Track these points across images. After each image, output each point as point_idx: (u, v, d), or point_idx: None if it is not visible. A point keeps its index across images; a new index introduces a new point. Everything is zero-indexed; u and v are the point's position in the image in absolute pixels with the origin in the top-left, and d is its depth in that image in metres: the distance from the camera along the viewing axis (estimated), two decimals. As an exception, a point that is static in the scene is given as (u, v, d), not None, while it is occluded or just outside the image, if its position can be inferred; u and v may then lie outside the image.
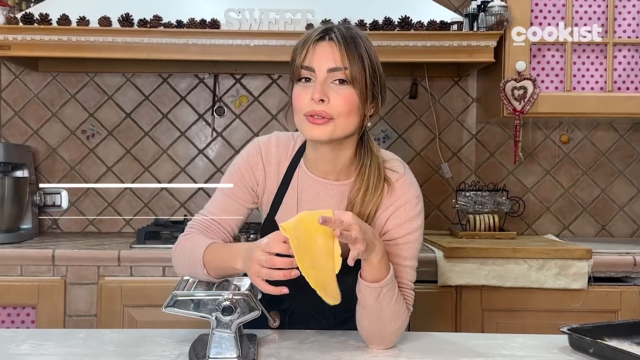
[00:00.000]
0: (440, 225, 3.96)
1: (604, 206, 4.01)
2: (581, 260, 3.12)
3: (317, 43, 1.85)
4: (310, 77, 1.85)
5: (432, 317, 3.09)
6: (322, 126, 1.82)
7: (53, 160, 3.90)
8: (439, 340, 2.00)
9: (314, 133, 1.84)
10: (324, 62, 1.83)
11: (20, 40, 3.33)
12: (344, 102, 1.82)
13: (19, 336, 1.92)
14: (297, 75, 1.87)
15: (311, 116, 1.82)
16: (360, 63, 1.83)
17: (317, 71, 1.83)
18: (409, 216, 1.95)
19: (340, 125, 1.83)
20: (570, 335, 1.82)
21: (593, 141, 3.99)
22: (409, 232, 1.94)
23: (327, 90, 1.82)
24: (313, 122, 1.83)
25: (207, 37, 3.36)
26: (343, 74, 1.82)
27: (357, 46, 1.84)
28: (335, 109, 1.82)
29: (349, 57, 1.82)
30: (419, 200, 1.98)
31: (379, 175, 1.94)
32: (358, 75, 1.82)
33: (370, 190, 1.92)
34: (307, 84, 1.85)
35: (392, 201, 1.94)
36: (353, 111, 1.84)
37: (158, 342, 1.88)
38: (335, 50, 1.83)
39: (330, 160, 1.95)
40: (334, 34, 1.85)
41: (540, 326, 2.98)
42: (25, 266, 3.09)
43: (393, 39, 3.37)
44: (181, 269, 1.99)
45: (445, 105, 3.99)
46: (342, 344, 1.89)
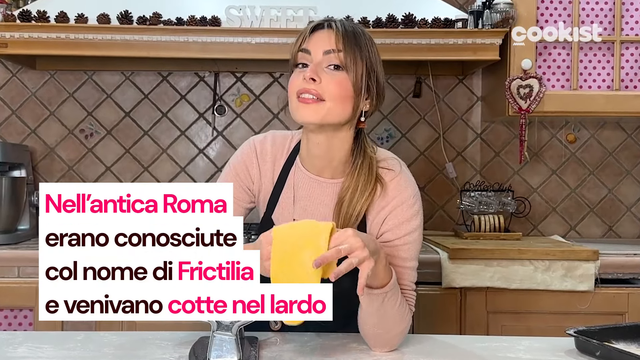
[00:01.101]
0: (445, 226, 3.96)
1: (611, 207, 4.01)
2: (588, 262, 3.12)
3: (316, 30, 1.90)
4: (306, 61, 1.87)
5: (436, 320, 3.09)
6: (312, 105, 1.83)
7: (51, 160, 3.90)
8: (442, 343, 2.00)
9: (304, 112, 1.84)
10: (320, 45, 1.86)
11: (18, 37, 3.33)
12: (336, 84, 1.83)
13: (16, 339, 1.92)
14: (295, 61, 1.90)
15: (301, 96, 1.84)
16: (356, 52, 1.85)
17: (312, 53, 1.86)
18: (407, 216, 1.93)
19: (332, 109, 1.83)
20: (576, 338, 1.82)
21: (600, 140, 3.98)
22: (407, 233, 1.93)
23: (320, 72, 1.84)
24: (303, 102, 1.84)
25: (208, 34, 3.36)
26: (337, 59, 1.84)
27: (356, 38, 1.87)
28: (326, 90, 1.83)
29: (344, 43, 1.84)
30: (416, 200, 1.96)
31: (369, 175, 1.93)
32: (352, 63, 1.84)
33: (360, 190, 1.91)
34: (304, 69, 1.87)
35: (388, 201, 1.93)
36: (346, 98, 1.84)
37: (158, 345, 1.88)
38: (332, 35, 1.86)
39: (324, 155, 1.95)
40: (334, 23, 1.89)
41: (546, 329, 2.98)
42: (22, 267, 3.09)
43: (396, 36, 3.37)
44: None
45: (450, 104, 3.99)
46: (344, 347, 1.89)
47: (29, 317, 3.11)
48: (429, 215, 3.93)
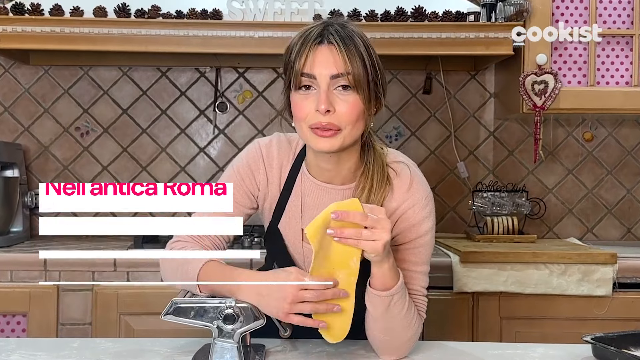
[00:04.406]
0: (456, 228, 3.96)
1: (629, 208, 4.00)
2: (605, 266, 3.12)
3: (315, 48, 1.83)
4: (311, 84, 1.83)
5: (447, 326, 3.09)
6: (330, 138, 1.81)
7: (45, 159, 3.91)
8: (454, 350, 2.00)
9: (323, 145, 1.83)
10: (326, 68, 1.81)
11: (11, 31, 3.33)
12: (350, 110, 1.81)
13: (9, 346, 1.93)
14: (297, 84, 1.85)
15: (317, 128, 1.82)
16: (361, 65, 1.81)
17: (318, 79, 1.81)
18: (418, 219, 1.93)
19: (348, 135, 1.83)
20: (593, 344, 1.82)
21: (618, 139, 3.98)
22: (419, 236, 1.93)
23: (332, 100, 1.80)
24: (321, 135, 1.82)
25: (209, 28, 3.36)
26: (346, 80, 1.80)
27: (356, 46, 1.83)
28: (342, 118, 1.81)
29: (350, 60, 1.80)
30: (428, 201, 1.96)
31: (382, 171, 1.93)
32: (361, 78, 1.81)
33: (375, 188, 1.91)
34: (308, 91, 1.83)
35: (399, 204, 1.93)
36: (360, 118, 1.83)
37: (157, 352, 1.88)
38: (336, 54, 1.81)
39: (333, 168, 1.95)
40: (332, 37, 1.82)
41: (562, 335, 2.97)
42: (15, 271, 3.10)
43: (406, 30, 3.37)
44: (168, 276, 2.00)
45: (461, 101, 3.98)
46: (352, 354, 1.90)
47: (22, 323, 3.11)
48: (439, 216, 3.91)
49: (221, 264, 1.90)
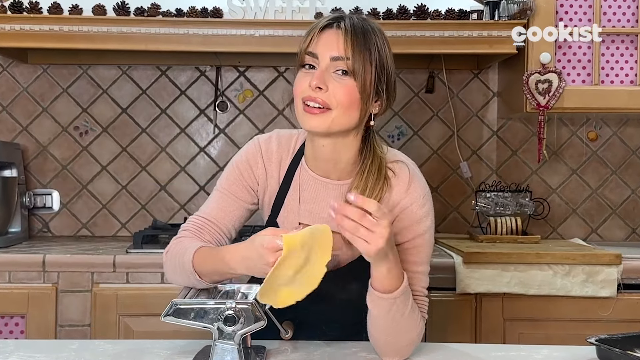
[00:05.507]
0: (459, 229, 3.96)
1: (634, 208, 4.00)
2: (610, 266, 3.11)
3: (324, 30, 1.89)
4: (313, 64, 1.88)
5: (450, 327, 3.09)
6: (319, 116, 1.85)
7: (43, 159, 3.91)
8: (457, 352, 2.00)
9: (311, 123, 1.86)
10: (328, 49, 1.86)
11: (9, 30, 3.33)
12: (343, 92, 1.84)
13: (7, 347, 1.93)
14: (301, 62, 1.91)
15: (308, 105, 1.85)
16: (366, 56, 1.85)
17: (320, 58, 1.86)
18: (416, 218, 1.94)
19: (338, 117, 1.85)
20: (598, 346, 1.82)
21: (623, 138, 3.98)
22: (417, 235, 1.94)
23: (327, 79, 1.84)
24: (310, 112, 1.85)
25: (209, 26, 3.37)
26: (345, 65, 1.84)
27: (365, 39, 1.86)
28: (333, 98, 1.84)
29: (353, 48, 1.84)
30: (426, 200, 1.97)
31: (378, 175, 1.94)
32: (361, 68, 1.84)
33: (369, 191, 1.92)
34: (310, 70, 1.88)
35: (396, 202, 1.94)
36: (353, 105, 1.86)
37: (156, 354, 1.88)
38: (340, 39, 1.86)
39: (330, 159, 1.96)
40: (343, 23, 1.88)
41: (566, 337, 2.97)
42: (13, 272, 3.10)
43: (408, 28, 3.37)
44: (172, 275, 2.01)
45: (464, 100, 3.98)
46: (354, 356, 1.90)
47: (21, 324, 3.11)
48: (442, 217, 3.93)
49: (210, 247, 1.94)
